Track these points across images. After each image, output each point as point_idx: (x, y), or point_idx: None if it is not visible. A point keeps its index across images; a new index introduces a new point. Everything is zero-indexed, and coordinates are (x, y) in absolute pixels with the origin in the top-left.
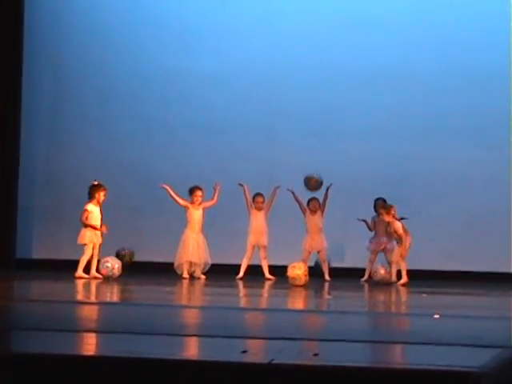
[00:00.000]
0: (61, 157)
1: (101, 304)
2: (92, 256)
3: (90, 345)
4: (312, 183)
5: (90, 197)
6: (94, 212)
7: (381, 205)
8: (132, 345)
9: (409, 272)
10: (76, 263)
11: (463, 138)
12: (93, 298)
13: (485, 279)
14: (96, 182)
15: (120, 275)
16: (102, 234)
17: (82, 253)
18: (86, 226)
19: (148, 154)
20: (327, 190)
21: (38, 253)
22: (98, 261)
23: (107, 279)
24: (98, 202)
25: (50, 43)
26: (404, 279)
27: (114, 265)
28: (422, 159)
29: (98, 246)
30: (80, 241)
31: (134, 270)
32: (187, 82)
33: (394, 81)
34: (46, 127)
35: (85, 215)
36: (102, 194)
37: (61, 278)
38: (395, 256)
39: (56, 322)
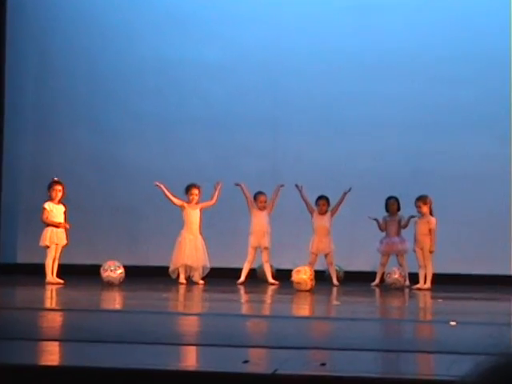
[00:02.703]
0: (48, 153)
1: (91, 311)
2: (54, 259)
3: (80, 356)
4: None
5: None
6: (53, 210)
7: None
8: (126, 355)
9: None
10: (64, 268)
11: (480, 131)
12: (82, 305)
13: (502, 283)
14: (56, 179)
15: (120, 282)
16: (66, 234)
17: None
18: (47, 225)
19: (143, 149)
20: (345, 194)
21: (24, 257)
22: (59, 265)
23: (106, 284)
24: (54, 199)
25: (35, 30)
26: (427, 284)
27: (116, 269)
28: (437, 154)
29: (60, 247)
30: (41, 242)
31: (127, 274)
32: (185, 72)
33: (406, 69)
34: (31, 121)
35: (44, 215)
36: (56, 190)
37: (47, 284)
38: (424, 259)
39: (43, 331)
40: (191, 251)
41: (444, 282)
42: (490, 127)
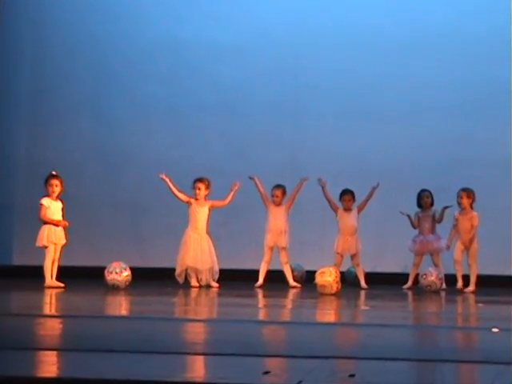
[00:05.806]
0: (46, 145)
1: (94, 318)
2: (53, 260)
3: (82, 366)
4: None
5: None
6: (51, 207)
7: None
8: (132, 366)
9: (463, 277)
10: (64, 270)
11: None
12: (85, 311)
13: None
14: (54, 173)
15: (126, 286)
16: (65, 233)
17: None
18: (45, 222)
19: (150, 139)
20: (373, 189)
21: (20, 259)
22: (59, 267)
23: (111, 288)
24: (52, 194)
25: (30, 6)
26: (472, 286)
27: (121, 272)
28: (479, 142)
29: (59, 247)
30: (38, 243)
31: (134, 277)
32: (197, 54)
33: (444, 47)
34: (26, 109)
35: (42, 211)
36: (53, 184)
37: (46, 288)
38: (470, 258)
39: (41, 339)
40: (196, 252)
41: (485, 284)
42: None
